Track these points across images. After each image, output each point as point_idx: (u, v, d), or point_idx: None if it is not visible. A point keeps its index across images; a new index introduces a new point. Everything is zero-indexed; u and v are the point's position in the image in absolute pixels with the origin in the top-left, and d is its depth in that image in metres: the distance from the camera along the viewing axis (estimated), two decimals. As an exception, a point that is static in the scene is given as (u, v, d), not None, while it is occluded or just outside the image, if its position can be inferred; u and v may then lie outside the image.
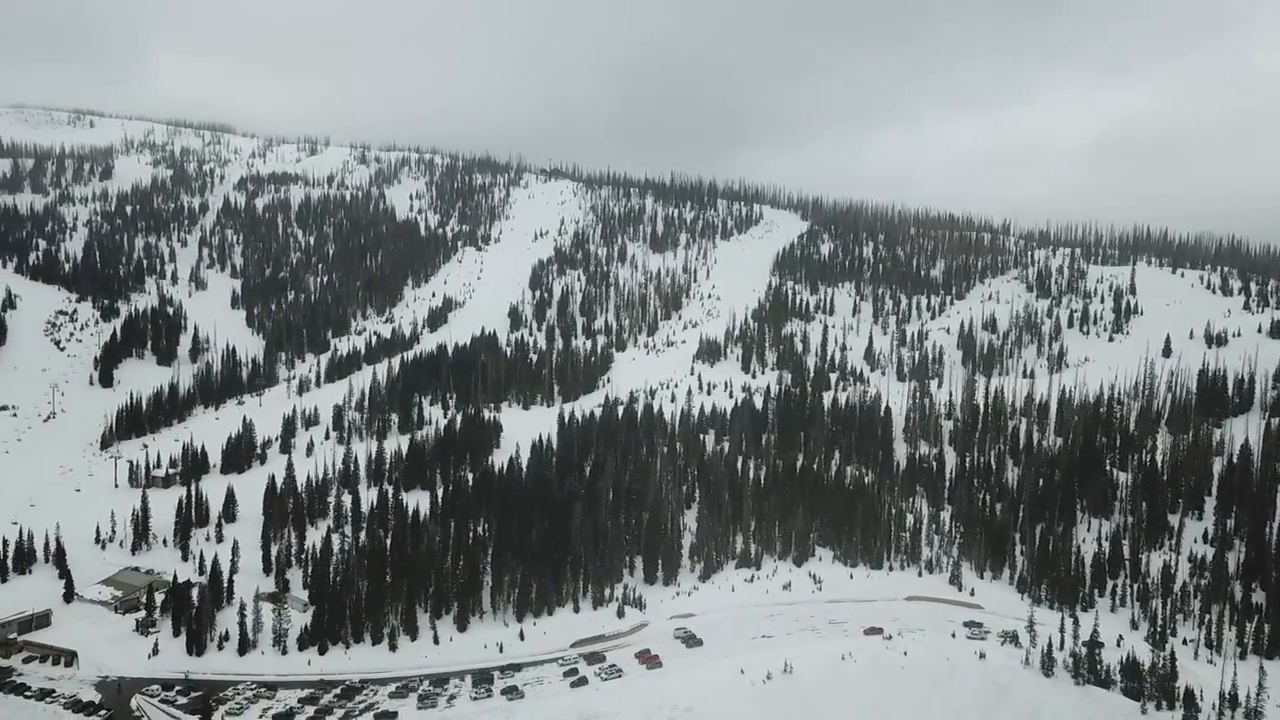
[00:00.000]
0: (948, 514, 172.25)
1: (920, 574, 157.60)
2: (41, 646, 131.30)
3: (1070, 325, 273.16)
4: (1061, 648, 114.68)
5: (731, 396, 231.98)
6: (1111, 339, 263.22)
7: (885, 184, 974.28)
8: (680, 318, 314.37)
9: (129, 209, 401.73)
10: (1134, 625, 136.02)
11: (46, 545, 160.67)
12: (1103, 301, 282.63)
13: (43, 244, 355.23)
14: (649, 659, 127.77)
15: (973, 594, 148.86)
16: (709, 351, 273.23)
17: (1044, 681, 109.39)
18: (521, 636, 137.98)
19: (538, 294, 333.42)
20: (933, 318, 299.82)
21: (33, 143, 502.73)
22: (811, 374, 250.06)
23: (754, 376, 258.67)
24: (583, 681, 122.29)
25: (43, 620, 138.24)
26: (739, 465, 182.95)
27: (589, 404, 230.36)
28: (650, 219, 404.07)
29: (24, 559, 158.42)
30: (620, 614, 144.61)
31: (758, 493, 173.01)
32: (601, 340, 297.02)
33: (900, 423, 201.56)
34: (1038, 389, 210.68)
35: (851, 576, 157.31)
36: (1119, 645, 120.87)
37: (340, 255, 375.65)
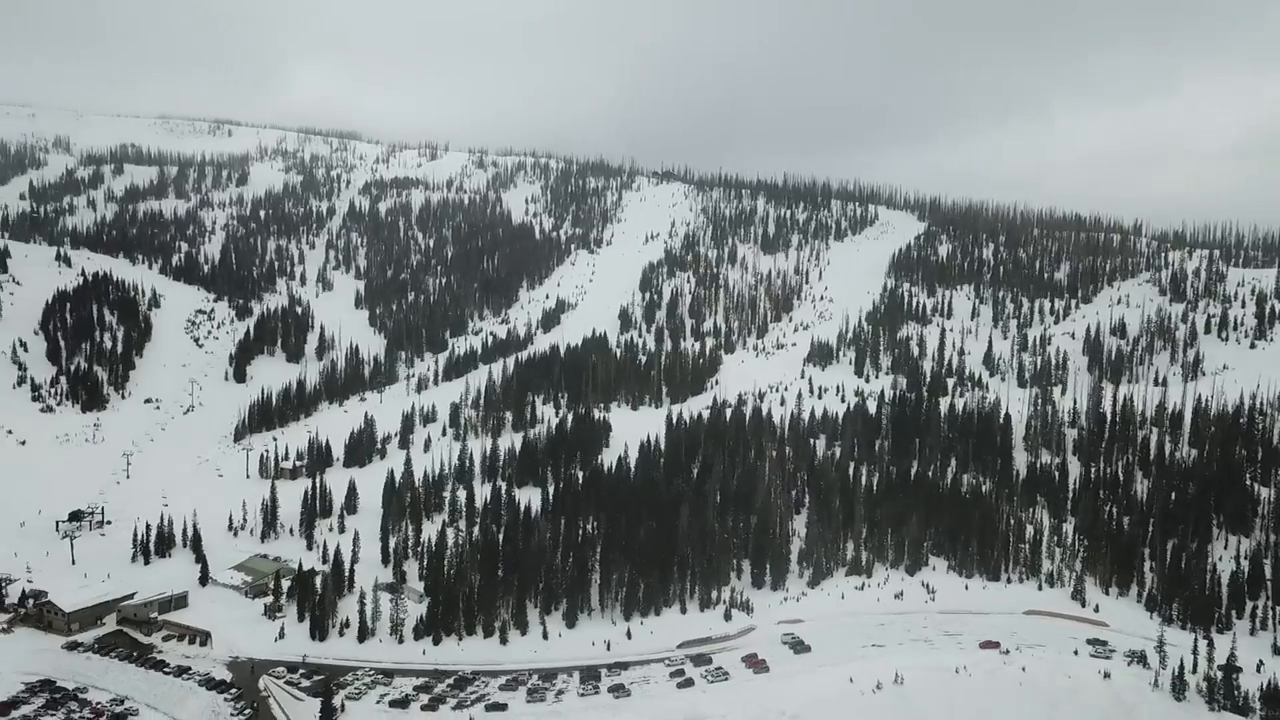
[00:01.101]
0: (1070, 526, 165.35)
1: (1040, 588, 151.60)
2: (179, 626, 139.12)
3: (1207, 331, 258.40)
4: (1194, 671, 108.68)
5: (844, 400, 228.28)
6: (1253, 345, 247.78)
7: (1011, 184, 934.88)
8: (791, 320, 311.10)
9: (262, 213, 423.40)
10: (1276, 650, 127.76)
11: (185, 531, 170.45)
12: (1244, 306, 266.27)
13: (184, 246, 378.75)
14: (756, 663, 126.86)
15: (1097, 610, 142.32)
16: (820, 354, 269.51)
17: (1174, 705, 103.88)
18: (629, 635, 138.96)
19: (647, 296, 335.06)
20: (1056, 322, 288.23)
21: (176, 151, 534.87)
22: (928, 378, 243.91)
23: (867, 380, 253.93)
24: (689, 683, 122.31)
25: (180, 601, 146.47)
26: (850, 471, 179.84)
27: (697, 406, 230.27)
28: (761, 220, 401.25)
29: (164, 543, 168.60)
30: (727, 617, 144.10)
31: (870, 499, 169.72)
32: (710, 342, 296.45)
33: (1020, 430, 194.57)
34: (1170, 397, 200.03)
35: (967, 588, 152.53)
36: (1259, 671, 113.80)
37: (458, 258, 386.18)
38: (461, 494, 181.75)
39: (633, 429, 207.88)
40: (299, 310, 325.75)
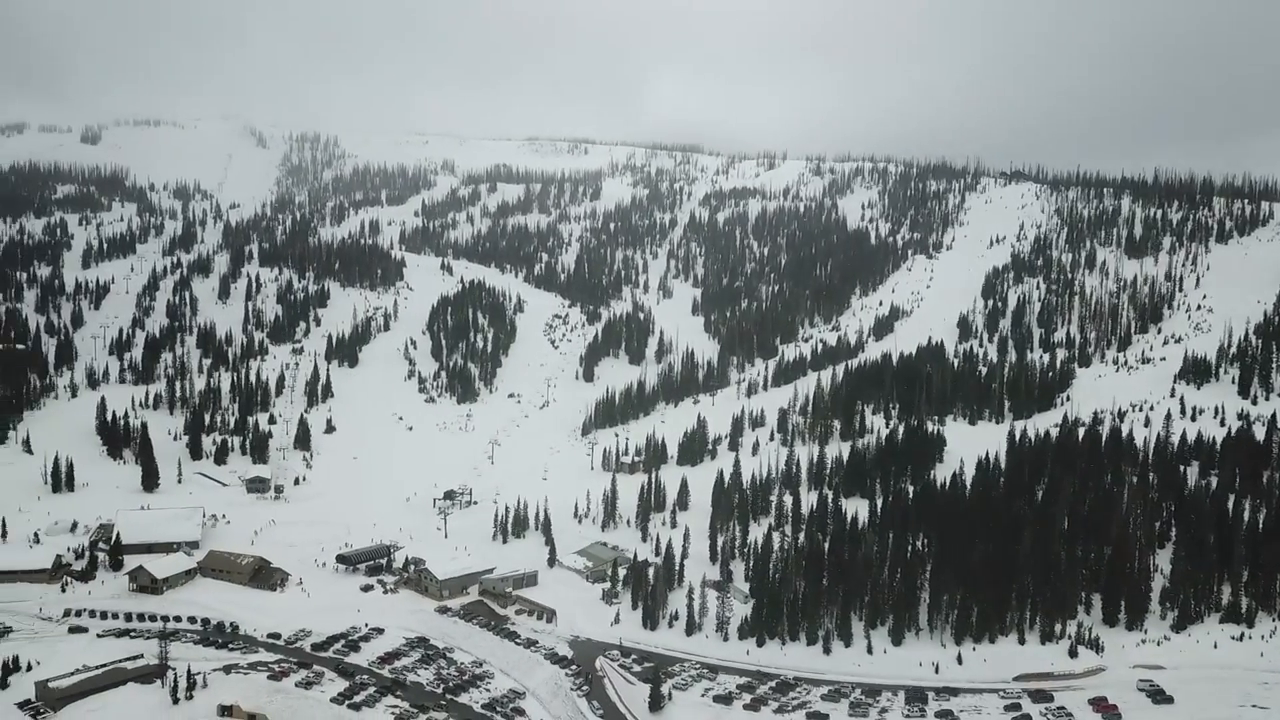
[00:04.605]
0: None
1: None
2: (529, 602, 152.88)
3: None
4: None
5: (1224, 424, 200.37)
6: None
7: None
8: (1159, 331, 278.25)
9: (611, 225, 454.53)
10: None
11: (536, 515, 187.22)
12: None
13: (545, 257, 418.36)
14: (1105, 708, 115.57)
15: None
16: (1195, 371, 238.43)
17: None
18: (959, 660, 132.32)
19: (990, 303, 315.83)
20: None
21: (540, 170, 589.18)
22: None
23: (1254, 402, 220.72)
24: (1026, 719, 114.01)
25: (531, 580, 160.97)
26: (1230, 504, 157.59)
27: (1044, 423, 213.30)
28: (1125, 221, 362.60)
29: (519, 525, 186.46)
30: (1072, 653, 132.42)
31: (1253, 538, 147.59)
32: (1061, 354, 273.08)
33: None
34: None
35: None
36: None
37: (791, 265, 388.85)
38: (788, 499, 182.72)
39: (969, 444, 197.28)
40: (641, 316, 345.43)
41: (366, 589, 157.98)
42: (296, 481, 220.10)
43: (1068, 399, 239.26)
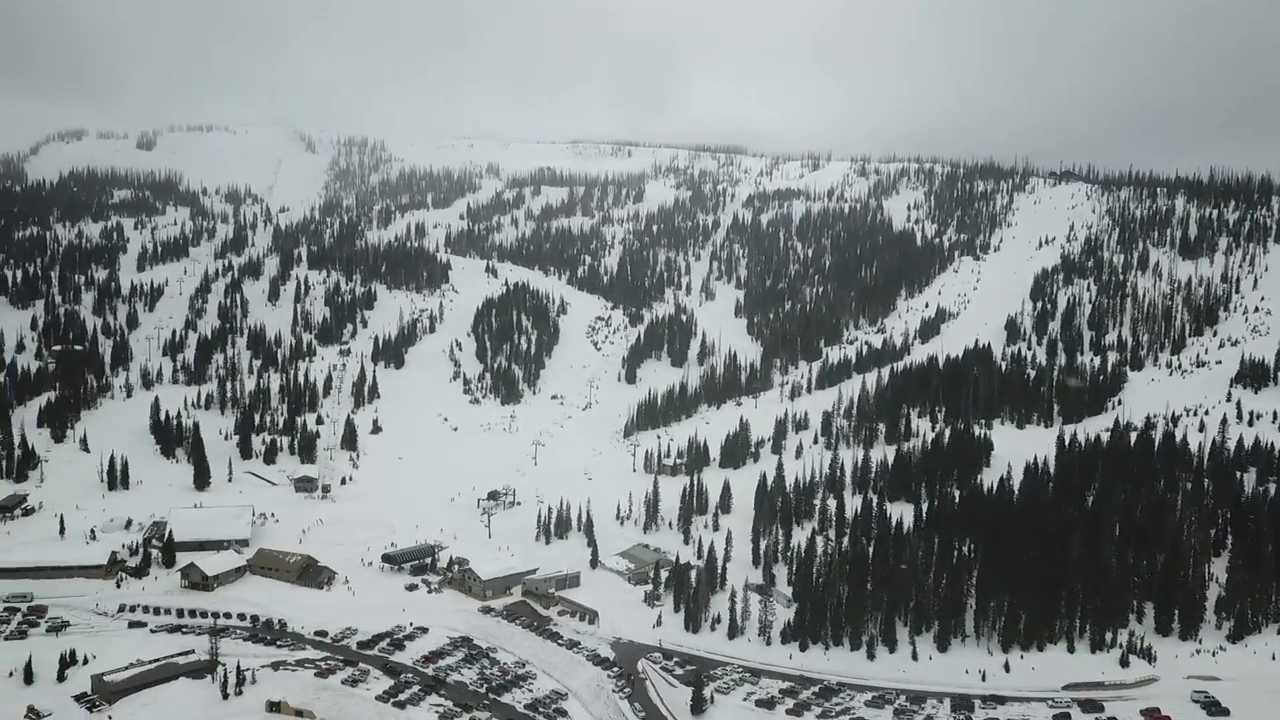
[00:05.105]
0: None
1: None
2: (572, 603, 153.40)
3: None
4: None
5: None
6: None
7: None
8: (1215, 334, 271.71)
9: (654, 228, 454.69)
10: None
11: (579, 516, 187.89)
12: None
13: (588, 259, 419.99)
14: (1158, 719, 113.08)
15: None
16: (1253, 375, 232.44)
17: None
18: (1006, 668, 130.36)
19: (1039, 305, 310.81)
20: None
21: (584, 172, 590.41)
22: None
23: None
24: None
25: (574, 581, 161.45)
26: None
27: (1094, 427, 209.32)
28: (1180, 221, 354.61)
29: (562, 526, 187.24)
30: (1124, 663, 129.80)
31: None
32: (1113, 357, 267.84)
33: None
34: None
35: None
36: None
37: (836, 266, 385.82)
38: (831, 503, 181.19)
39: (1017, 448, 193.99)
40: (684, 318, 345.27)
41: (411, 588, 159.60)
42: (343, 481, 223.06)
43: (1119, 403, 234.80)
